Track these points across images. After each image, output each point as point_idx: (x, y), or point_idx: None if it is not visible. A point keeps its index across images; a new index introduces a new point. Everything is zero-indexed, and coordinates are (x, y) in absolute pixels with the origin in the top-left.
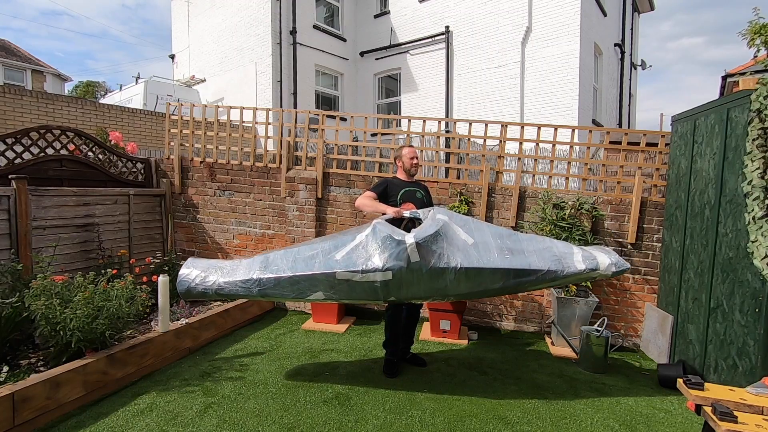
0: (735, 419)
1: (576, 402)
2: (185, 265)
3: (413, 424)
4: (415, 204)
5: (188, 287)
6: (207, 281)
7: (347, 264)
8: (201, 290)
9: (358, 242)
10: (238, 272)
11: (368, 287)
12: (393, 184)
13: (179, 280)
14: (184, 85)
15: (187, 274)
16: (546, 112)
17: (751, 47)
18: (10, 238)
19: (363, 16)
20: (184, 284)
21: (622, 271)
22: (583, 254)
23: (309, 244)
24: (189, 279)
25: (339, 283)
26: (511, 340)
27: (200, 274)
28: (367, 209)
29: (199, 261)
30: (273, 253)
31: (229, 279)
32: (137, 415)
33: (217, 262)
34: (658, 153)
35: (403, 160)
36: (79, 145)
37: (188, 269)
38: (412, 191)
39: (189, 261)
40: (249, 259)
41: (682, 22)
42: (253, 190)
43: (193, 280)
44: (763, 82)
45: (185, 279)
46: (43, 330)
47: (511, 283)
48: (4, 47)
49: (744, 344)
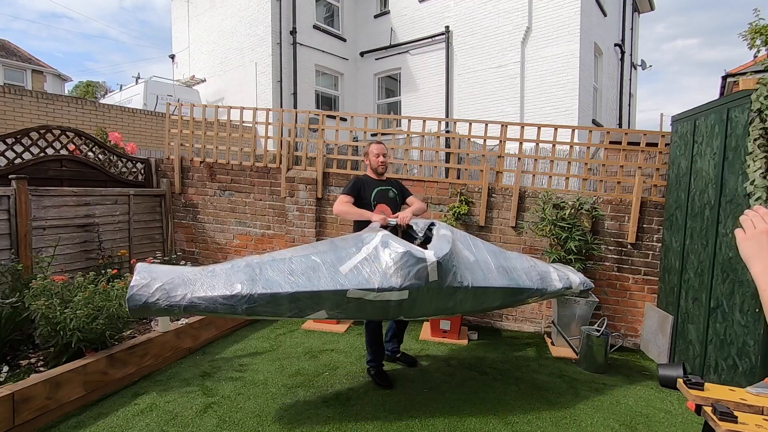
0: (735, 419)
1: (576, 402)
2: (138, 272)
3: (413, 424)
4: (388, 204)
5: (145, 303)
6: (173, 296)
7: (359, 281)
8: (164, 306)
9: (365, 255)
10: (217, 285)
11: (380, 306)
12: (366, 183)
13: (131, 293)
14: (184, 85)
15: (142, 285)
16: (546, 112)
17: (752, 48)
18: (10, 238)
19: (363, 16)
20: (138, 299)
21: (588, 290)
22: (558, 273)
23: (303, 254)
24: (146, 293)
25: (348, 301)
26: (511, 340)
27: (162, 286)
28: (351, 216)
29: (157, 268)
30: (256, 262)
31: (205, 294)
32: (137, 415)
33: (182, 271)
34: (658, 153)
35: (370, 159)
36: (79, 145)
37: (144, 279)
38: (385, 191)
39: (142, 267)
40: (223, 266)
41: (676, 23)
42: (253, 190)
43: (153, 294)
44: (763, 82)
45: (141, 293)
46: (43, 330)
47: (507, 302)
48: (5, 47)
49: (744, 344)
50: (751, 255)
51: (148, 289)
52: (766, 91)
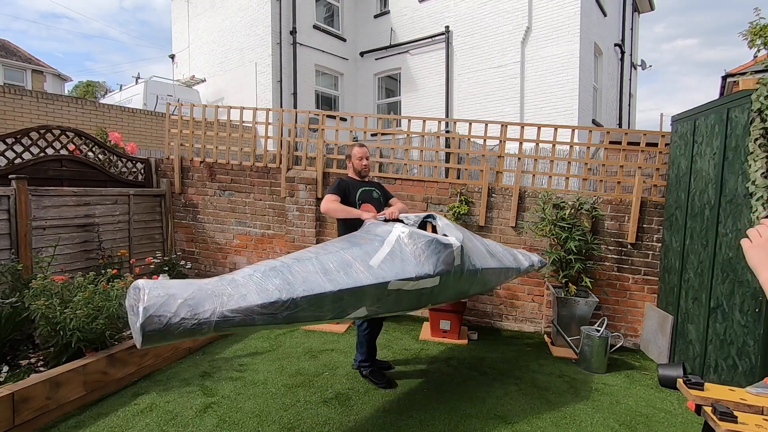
0: (735, 419)
1: (576, 402)
2: (146, 289)
3: (413, 424)
4: (372, 204)
5: (168, 325)
6: (201, 312)
7: (396, 272)
8: (191, 327)
9: (392, 248)
10: (249, 294)
11: (415, 296)
12: (349, 184)
13: (146, 316)
14: (184, 85)
15: (160, 303)
16: (546, 112)
17: (752, 47)
18: (10, 238)
19: (363, 16)
20: (158, 321)
21: (543, 266)
22: (522, 254)
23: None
24: (167, 312)
25: (388, 294)
26: (511, 340)
27: (186, 302)
28: (339, 214)
29: (168, 282)
30: (281, 265)
31: (238, 305)
32: (137, 415)
33: (198, 283)
34: (658, 153)
35: (353, 161)
36: (79, 145)
37: (159, 295)
38: (369, 191)
39: (148, 284)
40: (243, 273)
41: (675, 23)
42: (253, 190)
43: (176, 312)
44: (763, 82)
45: (161, 313)
46: (43, 330)
47: (499, 281)
48: (5, 47)
49: (744, 344)
50: (758, 262)
51: (168, 308)
52: (766, 91)
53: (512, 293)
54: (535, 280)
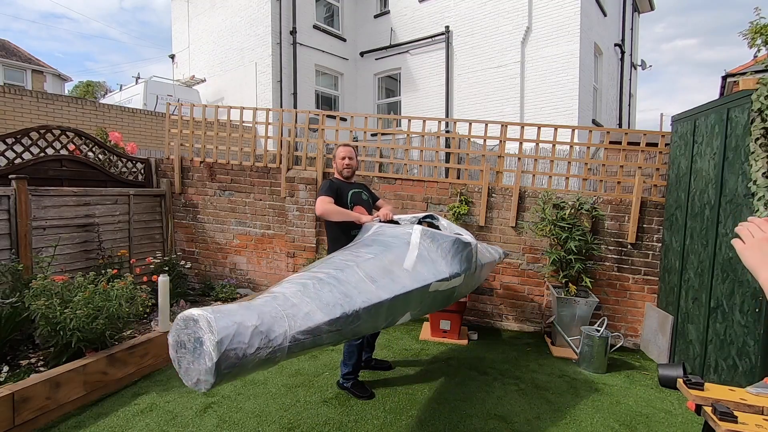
0: (735, 419)
1: (576, 402)
2: (216, 317)
3: (413, 424)
4: (363, 206)
5: (244, 358)
6: (274, 339)
7: (434, 273)
8: (266, 357)
9: (419, 250)
10: (312, 312)
11: (447, 295)
12: (340, 186)
13: (221, 352)
14: (184, 85)
15: (232, 335)
16: (546, 112)
17: (752, 47)
18: (10, 238)
19: (363, 16)
20: (234, 357)
21: (506, 256)
22: (492, 249)
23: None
24: (241, 344)
25: (429, 296)
26: (511, 340)
27: (258, 329)
28: (337, 217)
29: (223, 309)
30: (326, 276)
31: (306, 326)
32: (137, 415)
33: (253, 306)
34: (658, 153)
35: (336, 161)
36: (79, 145)
37: (227, 325)
38: (358, 193)
39: (203, 313)
40: (289, 289)
41: (675, 23)
42: (253, 190)
43: (251, 343)
44: (763, 82)
45: (236, 347)
46: (43, 330)
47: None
48: (5, 47)
49: (744, 344)
50: (756, 263)
51: (242, 338)
52: (767, 91)
53: (512, 293)
54: (535, 280)
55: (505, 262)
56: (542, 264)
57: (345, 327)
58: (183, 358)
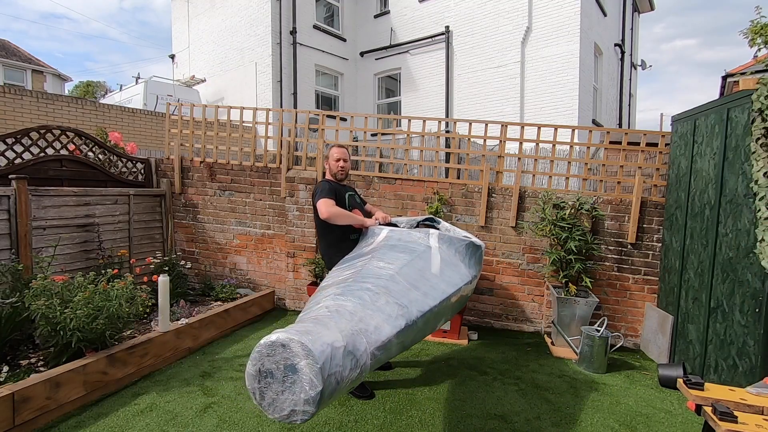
0: (735, 419)
1: (576, 402)
2: (310, 341)
3: (413, 424)
4: (358, 209)
5: (340, 381)
6: (359, 356)
7: (460, 276)
8: (356, 377)
9: (439, 255)
10: (380, 325)
11: (466, 298)
12: (337, 189)
13: (325, 378)
14: (184, 85)
15: (329, 356)
16: (546, 112)
17: (752, 46)
18: (10, 238)
19: (363, 16)
20: (333, 381)
21: None
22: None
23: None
24: (338, 365)
25: (458, 300)
26: (511, 340)
27: (346, 348)
28: (344, 221)
29: (311, 329)
30: (377, 285)
31: (380, 341)
32: (137, 415)
33: (337, 324)
34: (658, 153)
35: (329, 163)
36: (79, 145)
37: (323, 345)
38: (353, 195)
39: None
40: (353, 303)
41: (674, 24)
42: (253, 190)
43: (344, 364)
44: (763, 81)
45: (335, 370)
46: (43, 330)
47: None
48: (5, 47)
49: (744, 344)
50: None
51: (337, 362)
52: (767, 91)
53: (512, 293)
54: (535, 280)
55: (504, 262)
56: (542, 264)
57: (407, 338)
58: (268, 389)
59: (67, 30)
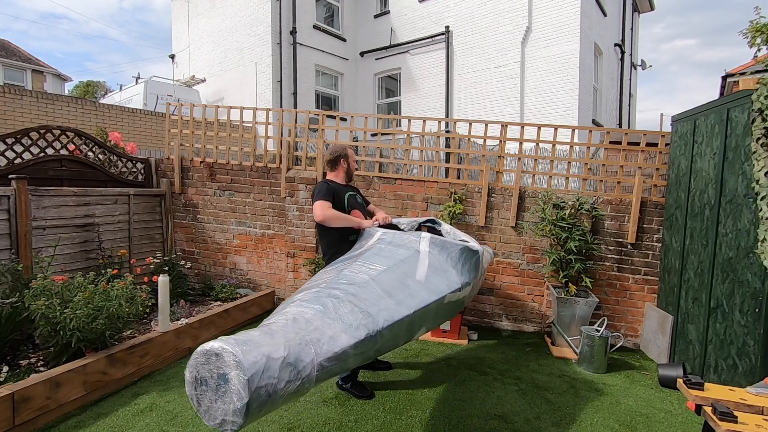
0: (735, 419)
1: (576, 402)
2: (242, 351)
3: (413, 424)
4: (359, 209)
5: (275, 394)
6: (302, 369)
7: (447, 284)
8: (295, 390)
9: (428, 260)
10: (337, 335)
11: (458, 305)
12: (337, 190)
13: (252, 390)
14: (184, 85)
15: (261, 370)
16: (546, 112)
17: (752, 46)
18: (10, 238)
19: (363, 16)
20: (263, 393)
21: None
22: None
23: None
24: (271, 379)
25: (443, 308)
26: (511, 340)
27: (286, 360)
28: (339, 223)
29: (254, 338)
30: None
31: (333, 351)
32: (137, 415)
33: (284, 334)
34: (658, 153)
35: (348, 162)
36: (79, 145)
37: (258, 356)
38: (353, 196)
39: (241, 345)
40: (307, 310)
41: (674, 23)
42: (253, 190)
43: (280, 377)
44: (763, 81)
45: (266, 382)
46: (43, 330)
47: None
48: (5, 47)
49: (744, 344)
50: None
51: (271, 373)
52: (767, 91)
53: (512, 293)
54: (535, 280)
55: (504, 262)
56: (542, 264)
57: (368, 349)
58: (203, 396)
59: (67, 30)
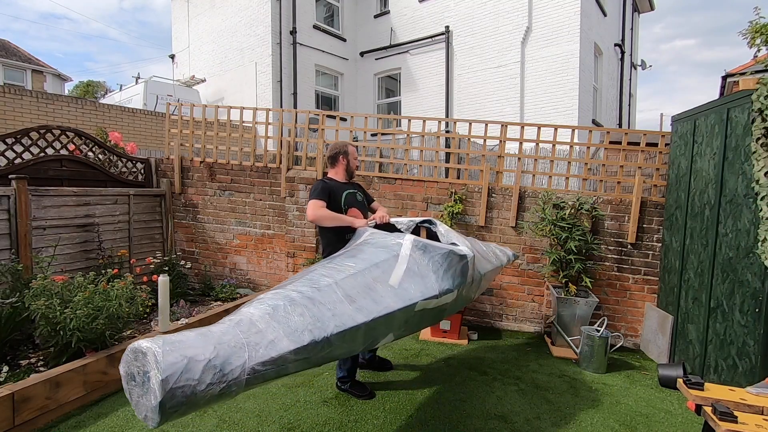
0: (735, 419)
1: (576, 402)
2: (164, 352)
3: (413, 424)
4: (357, 208)
5: (193, 395)
6: (229, 371)
7: (421, 291)
8: (219, 392)
9: (407, 264)
10: (278, 339)
11: (437, 313)
12: (333, 187)
13: (167, 389)
14: (184, 85)
15: (181, 370)
16: (546, 112)
17: (752, 46)
18: (10, 238)
19: (363, 16)
20: (181, 393)
21: (516, 258)
22: (499, 250)
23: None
24: (190, 380)
25: (414, 315)
26: (511, 340)
27: (211, 363)
28: (330, 223)
29: (184, 339)
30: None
31: (269, 355)
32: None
33: (211, 333)
34: (658, 153)
35: (349, 159)
36: (79, 145)
37: (177, 359)
38: (353, 194)
39: (156, 343)
40: (257, 312)
41: (674, 24)
42: (253, 190)
43: (202, 378)
44: (763, 82)
45: (183, 383)
46: (43, 330)
47: (492, 280)
48: (5, 47)
49: (744, 344)
50: None
51: (191, 375)
52: (766, 91)
53: (512, 293)
54: (535, 280)
55: None
56: (542, 264)
57: (314, 354)
58: (133, 391)
59: (67, 30)
